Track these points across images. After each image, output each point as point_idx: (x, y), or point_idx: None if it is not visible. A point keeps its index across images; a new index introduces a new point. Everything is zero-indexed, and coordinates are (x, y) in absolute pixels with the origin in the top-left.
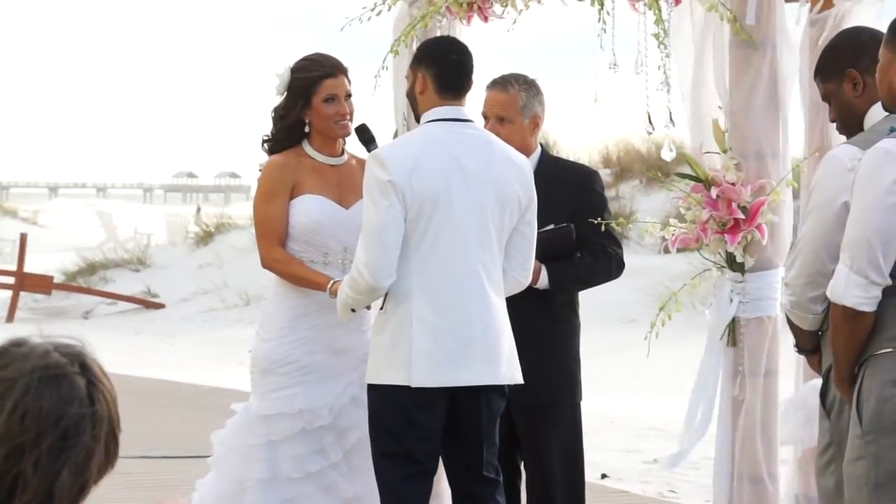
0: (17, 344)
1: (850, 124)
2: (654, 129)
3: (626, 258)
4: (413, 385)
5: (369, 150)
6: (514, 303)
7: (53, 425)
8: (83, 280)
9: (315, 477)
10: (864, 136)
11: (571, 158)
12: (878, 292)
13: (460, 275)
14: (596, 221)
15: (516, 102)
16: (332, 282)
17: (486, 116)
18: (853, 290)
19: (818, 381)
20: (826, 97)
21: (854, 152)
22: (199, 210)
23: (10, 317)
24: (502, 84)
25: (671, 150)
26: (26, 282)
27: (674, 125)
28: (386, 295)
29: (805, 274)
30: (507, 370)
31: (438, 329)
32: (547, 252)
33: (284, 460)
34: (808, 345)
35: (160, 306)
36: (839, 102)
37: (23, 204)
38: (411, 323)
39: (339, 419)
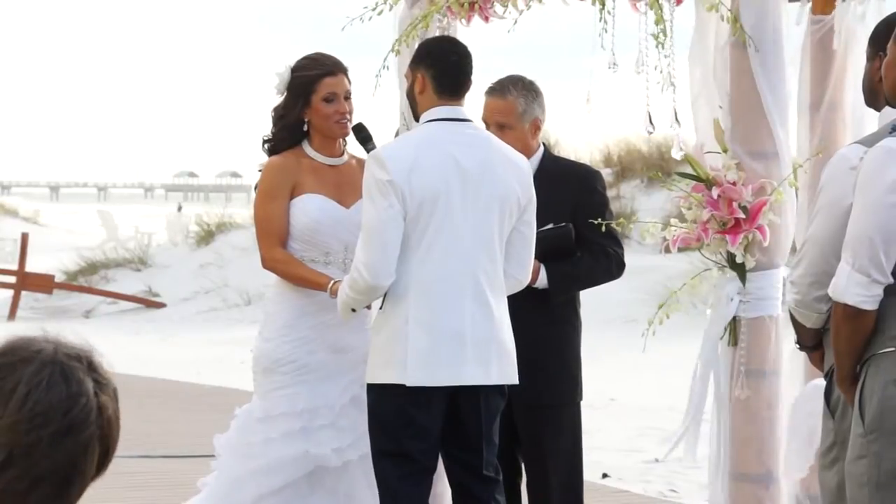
0: (26, 341)
1: (870, 98)
2: (654, 128)
3: (627, 258)
4: (409, 384)
5: (366, 149)
6: (515, 303)
7: (60, 418)
8: (84, 279)
9: (311, 475)
10: (873, 135)
11: (572, 158)
12: (879, 290)
13: (458, 274)
14: (595, 221)
15: (515, 109)
16: (332, 282)
17: (486, 123)
18: (855, 288)
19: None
20: (868, 59)
21: (861, 152)
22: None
23: (12, 316)
24: (500, 90)
25: (681, 150)
26: (27, 281)
27: (679, 125)
28: (385, 295)
29: (811, 273)
30: (503, 370)
31: (435, 329)
32: (546, 251)
33: (281, 457)
34: (811, 342)
35: (161, 306)
36: (868, 73)
37: (24, 203)
38: (408, 322)
39: (338, 418)
